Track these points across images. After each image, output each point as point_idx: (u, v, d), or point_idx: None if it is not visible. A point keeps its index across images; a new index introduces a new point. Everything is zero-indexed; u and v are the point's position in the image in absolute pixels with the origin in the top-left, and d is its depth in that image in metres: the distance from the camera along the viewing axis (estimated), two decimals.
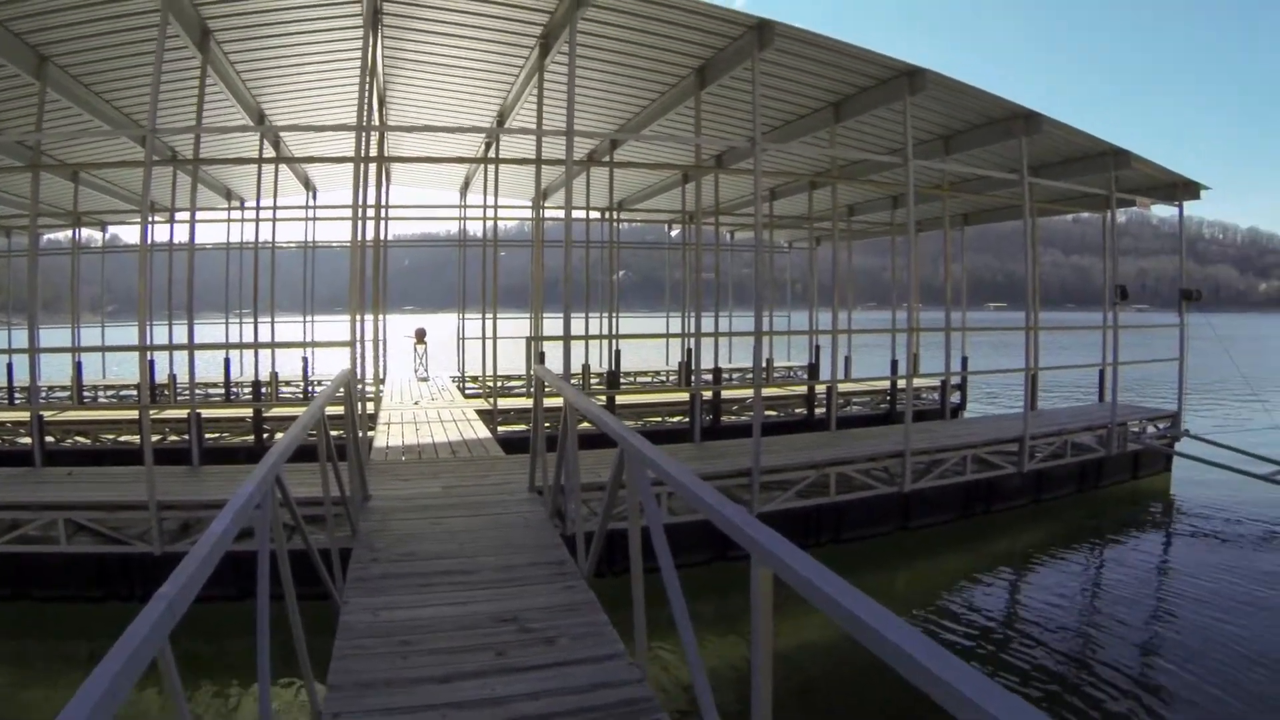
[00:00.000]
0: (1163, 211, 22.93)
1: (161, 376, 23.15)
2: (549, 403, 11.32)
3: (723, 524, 3.87)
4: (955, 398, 25.90)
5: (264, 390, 22.54)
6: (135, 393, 26.37)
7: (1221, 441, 20.68)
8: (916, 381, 23.77)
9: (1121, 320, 20.71)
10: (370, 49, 13.09)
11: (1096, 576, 14.50)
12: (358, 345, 12.52)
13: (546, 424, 11.13)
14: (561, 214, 14.04)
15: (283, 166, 23.17)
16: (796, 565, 3.08)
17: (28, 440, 16.64)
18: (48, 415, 18.64)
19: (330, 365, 29.56)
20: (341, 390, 10.07)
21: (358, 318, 12.55)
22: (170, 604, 2.89)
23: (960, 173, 21.97)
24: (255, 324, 22.74)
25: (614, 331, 26.13)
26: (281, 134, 21.28)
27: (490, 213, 23.97)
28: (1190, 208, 21.90)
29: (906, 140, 15.21)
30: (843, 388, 24.27)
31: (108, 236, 30.79)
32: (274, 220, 25.19)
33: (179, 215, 22.83)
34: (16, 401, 24.79)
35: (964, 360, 23.81)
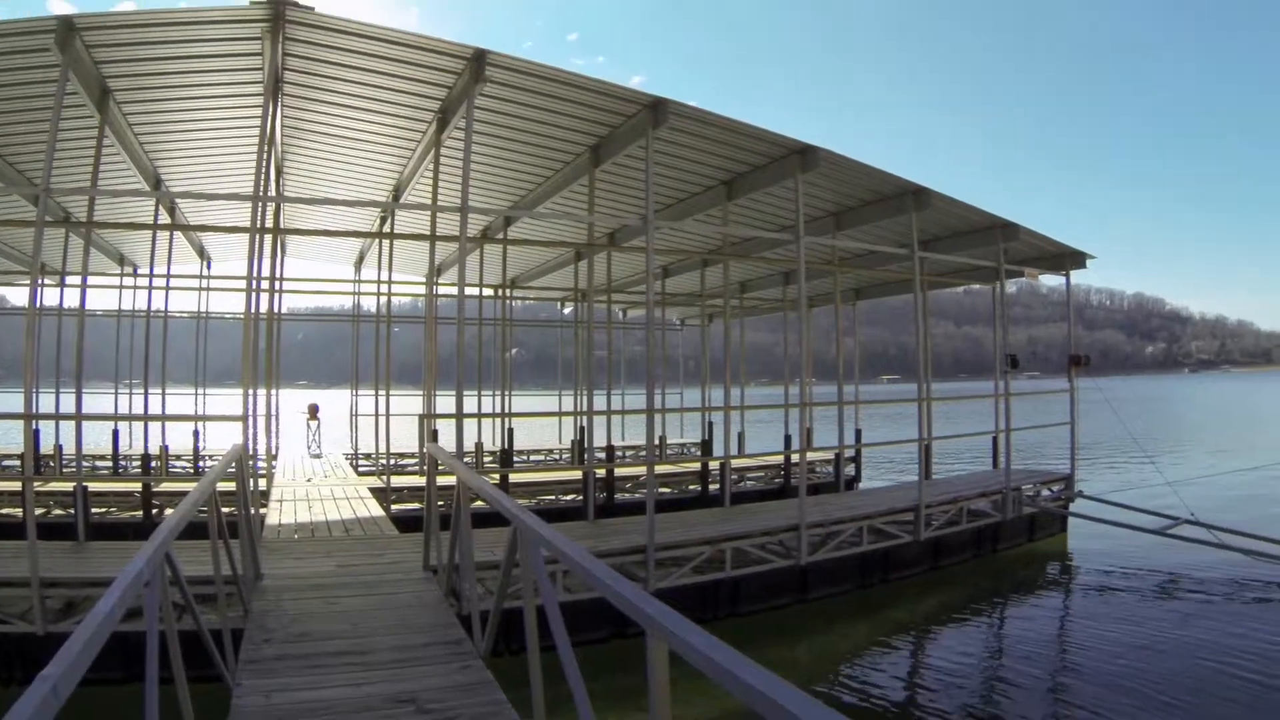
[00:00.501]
0: (1050, 281, 23.42)
1: (47, 447, 22.65)
2: (442, 481, 11.26)
3: (616, 600, 3.89)
4: (850, 470, 26.12)
5: (154, 464, 22.18)
6: (18, 463, 25.78)
7: (1115, 500, 21.43)
8: (811, 455, 23.89)
9: (1013, 388, 21.10)
10: (270, 118, 12.93)
11: (999, 637, 14.80)
12: (250, 420, 12.35)
13: (440, 502, 11.05)
14: (455, 290, 14.00)
15: (178, 234, 22.72)
16: (690, 639, 3.09)
17: None
18: None
19: (222, 440, 29.14)
20: (233, 466, 9.94)
21: (250, 392, 12.40)
22: (54, 686, 2.81)
23: (851, 248, 22.25)
24: (146, 395, 22.41)
25: (507, 410, 26.03)
26: (177, 200, 20.94)
27: (385, 288, 23.88)
28: (1078, 275, 22.59)
29: (798, 217, 15.40)
30: (736, 463, 24.25)
31: None
32: (167, 289, 24.71)
33: (69, 279, 22.48)
34: None
35: (858, 433, 24.02)
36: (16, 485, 17.91)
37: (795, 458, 21.80)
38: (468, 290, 14.13)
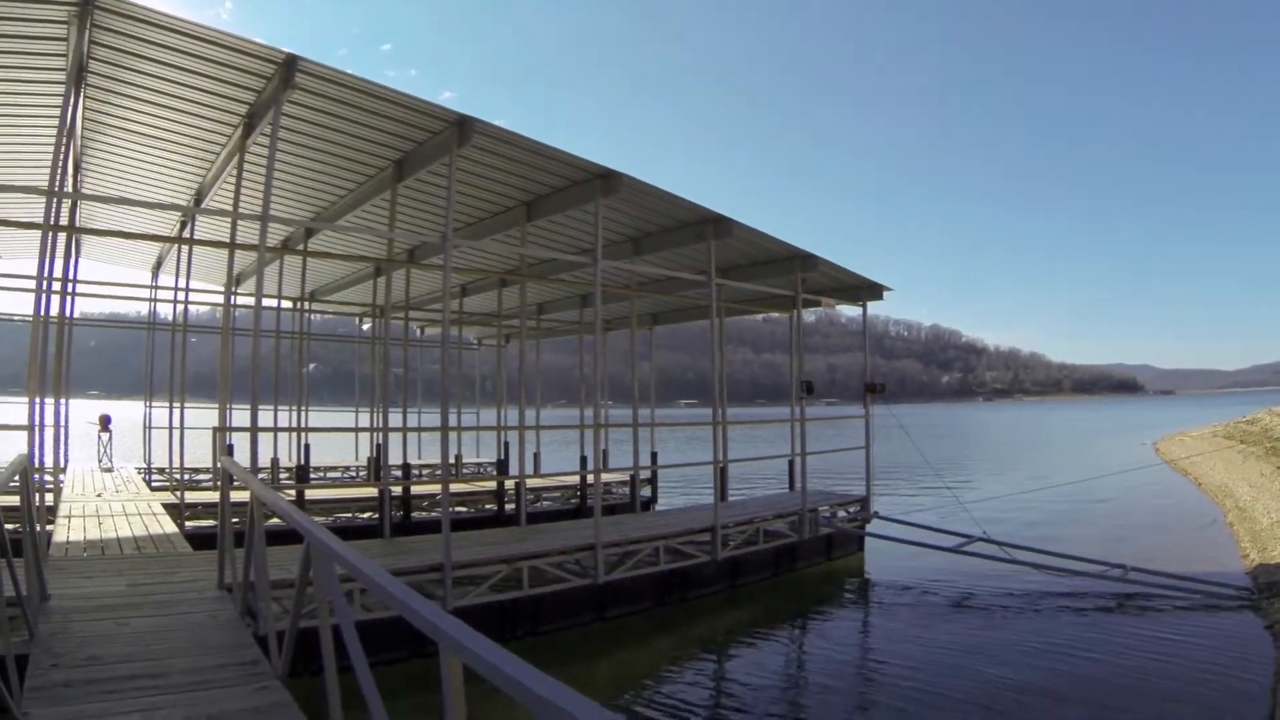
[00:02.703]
0: (850, 311, 24.01)
1: None
2: (237, 496, 11.07)
3: (410, 615, 3.95)
4: (646, 492, 26.36)
5: None
6: None
7: (910, 520, 22.17)
8: (607, 476, 24.08)
9: (809, 413, 21.74)
10: (71, 108, 12.52)
11: (799, 651, 15.22)
12: (36, 430, 11.95)
13: (235, 518, 10.86)
14: (252, 301, 13.79)
15: None
16: (483, 652, 3.15)
17: None
18: None
19: (6, 451, 28.18)
20: (17, 479, 9.62)
21: (37, 400, 12.01)
22: None
23: (649, 274, 22.44)
24: None
25: (303, 425, 25.71)
26: None
27: (182, 296, 23.37)
28: (877, 307, 23.46)
29: (597, 240, 15.65)
30: (533, 483, 24.34)
31: None
32: None
33: None
34: None
35: (654, 455, 24.36)
36: None
37: (591, 478, 21.90)
38: (266, 301, 13.93)
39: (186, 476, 22.13)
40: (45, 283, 12.87)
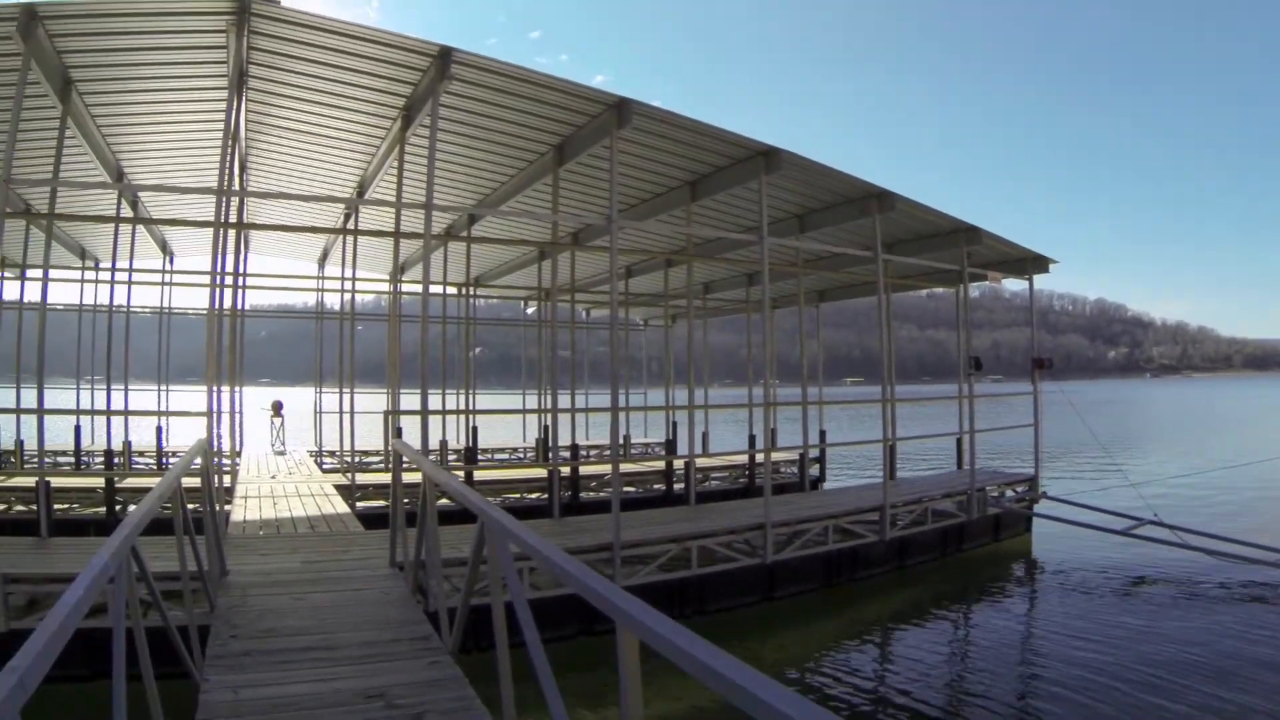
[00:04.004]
0: (1013, 285, 23.50)
1: (7, 442, 22.48)
2: (408, 478, 11.26)
3: (587, 594, 3.91)
4: (814, 470, 26.20)
5: (116, 460, 22.03)
6: None
7: (1079, 501, 21.61)
8: (775, 455, 23.96)
9: (977, 390, 21.25)
10: (234, 112, 12.86)
11: (966, 635, 14.77)
12: (214, 416, 12.27)
13: (405, 499, 11.05)
14: (418, 288, 13.97)
15: (140, 228, 22.53)
16: (661, 630, 3.10)
17: None
18: None
19: (185, 436, 28.96)
20: (198, 461, 9.89)
21: (214, 388, 12.32)
22: (21, 678, 2.77)
23: (815, 250, 22.30)
24: (109, 390, 22.27)
25: (471, 407, 25.97)
26: (140, 194, 20.85)
27: (348, 285, 23.80)
28: (1041, 280, 22.70)
29: (762, 219, 15.47)
30: (701, 463, 24.20)
31: None
32: (129, 283, 24.54)
33: (30, 272, 22.32)
34: None
35: (822, 433, 24.08)
36: None
37: (760, 457, 21.74)
38: (432, 288, 14.08)
39: (356, 459, 22.63)
40: (219, 277, 13.23)
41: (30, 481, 17.64)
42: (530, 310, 35.22)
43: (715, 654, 2.79)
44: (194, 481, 10.15)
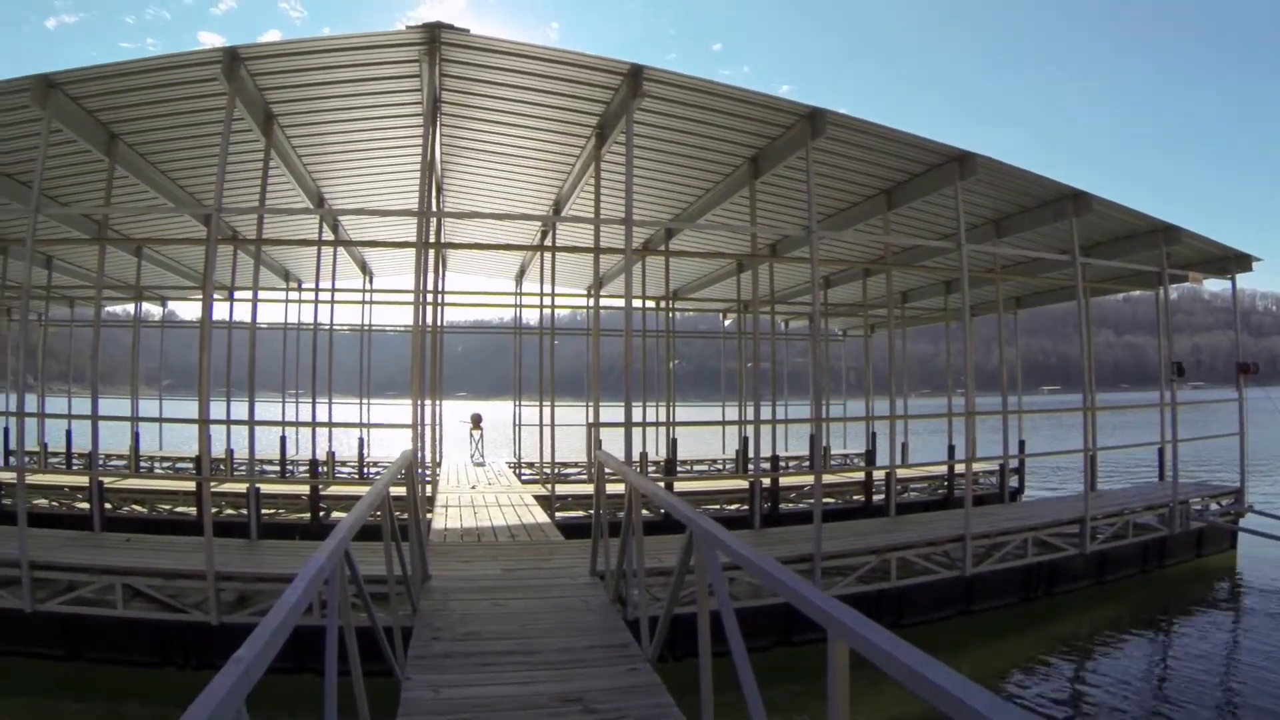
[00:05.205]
0: (1214, 285, 22.65)
1: (218, 451, 23.32)
2: (609, 488, 11.37)
3: (799, 602, 3.99)
4: (1013, 481, 25.75)
5: (321, 469, 22.67)
6: (190, 465, 27.06)
7: None
8: (974, 466, 23.64)
9: (1179, 397, 20.49)
10: (430, 139, 13.24)
11: (1167, 656, 14.23)
12: (418, 428, 12.57)
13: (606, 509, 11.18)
14: (615, 302, 14.13)
15: (340, 250, 23.46)
16: (874, 638, 3.14)
17: (85, 505, 16.99)
18: (106, 482, 18.69)
19: (385, 448, 29.77)
20: (404, 471, 10.16)
21: (418, 402, 12.61)
22: (247, 668, 2.93)
23: (1012, 255, 21.93)
24: (313, 404, 22.99)
25: (671, 419, 26.12)
26: (340, 218, 21.58)
27: (547, 300, 24.14)
28: (1243, 280, 21.65)
29: (959, 225, 15.34)
30: (901, 474, 23.97)
31: (165, 311, 31.37)
32: (332, 302, 25.29)
33: (239, 294, 23.19)
34: (75, 467, 25.36)
35: (1021, 443, 23.70)
36: (191, 485, 18.82)
37: (959, 468, 21.47)
38: (632, 302, 14.21)
39: (556, 470, 22.90)
40: (421, 295, 13.55)
41: (241, 488, 18.50)
42: (728, 322, 35.37)
43: (928, 662, 2.83)
44: (399, 490, 10.39)
